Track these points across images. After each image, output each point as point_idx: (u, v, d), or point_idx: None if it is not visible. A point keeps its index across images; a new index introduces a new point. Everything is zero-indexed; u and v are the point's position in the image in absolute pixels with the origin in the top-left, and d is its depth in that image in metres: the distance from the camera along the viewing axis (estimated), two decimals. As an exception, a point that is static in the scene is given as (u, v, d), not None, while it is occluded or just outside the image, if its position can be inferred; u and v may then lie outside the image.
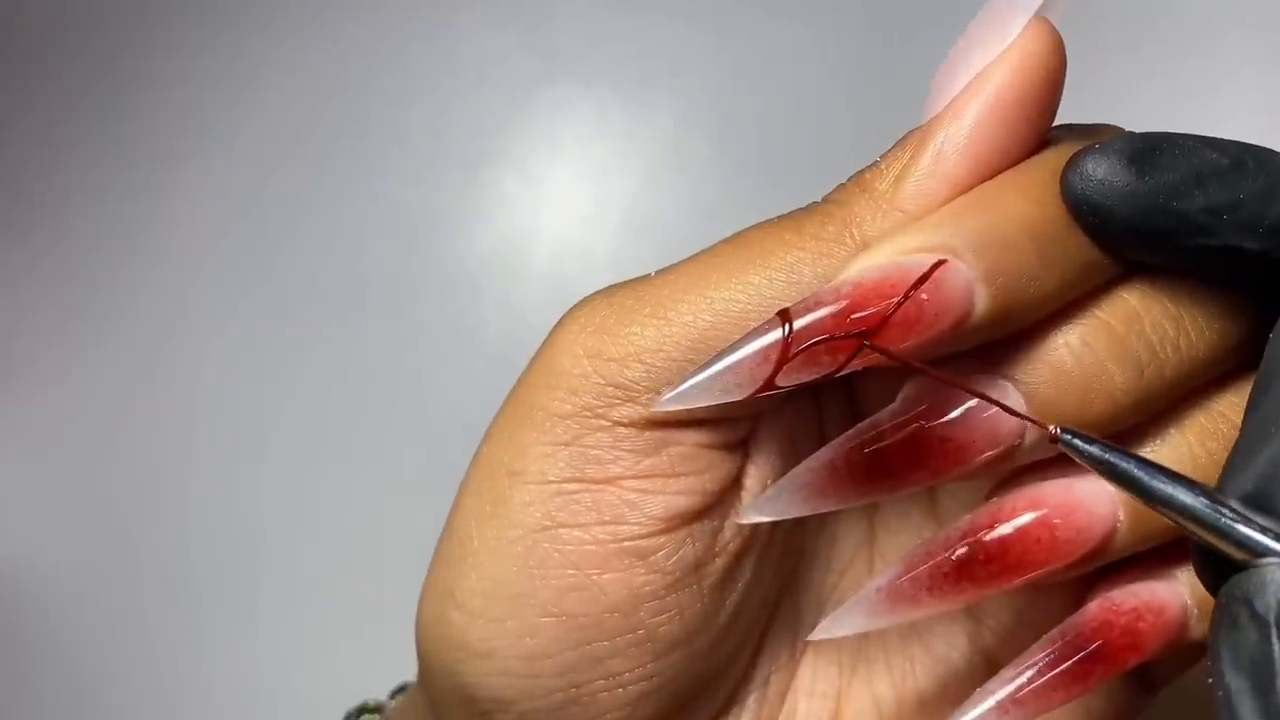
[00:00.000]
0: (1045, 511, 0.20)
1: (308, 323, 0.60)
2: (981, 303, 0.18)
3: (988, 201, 0.19)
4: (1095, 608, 0.20)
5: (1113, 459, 0.17)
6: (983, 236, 0.18)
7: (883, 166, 0.20)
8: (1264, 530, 0.16)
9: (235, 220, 0.61)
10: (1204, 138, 0.19)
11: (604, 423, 0.20)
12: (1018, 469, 0.20)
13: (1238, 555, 0.16)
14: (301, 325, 0.60)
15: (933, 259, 0.18)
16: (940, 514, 0.24)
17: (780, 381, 0.18)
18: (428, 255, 0.60)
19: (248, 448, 0.58)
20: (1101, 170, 0.18)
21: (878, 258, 0.19)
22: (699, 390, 0.19)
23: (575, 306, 0.21)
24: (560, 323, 0.21)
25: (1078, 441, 0.18)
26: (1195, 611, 0.20)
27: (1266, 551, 0.15)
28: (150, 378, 0.59)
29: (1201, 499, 0.16)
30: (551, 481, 0.20)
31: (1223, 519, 0.16)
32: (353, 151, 0.61)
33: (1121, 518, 0.19)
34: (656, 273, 0.21)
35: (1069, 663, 0.20)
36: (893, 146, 0.20)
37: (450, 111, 0.62)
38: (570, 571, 0.20)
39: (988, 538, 0.20)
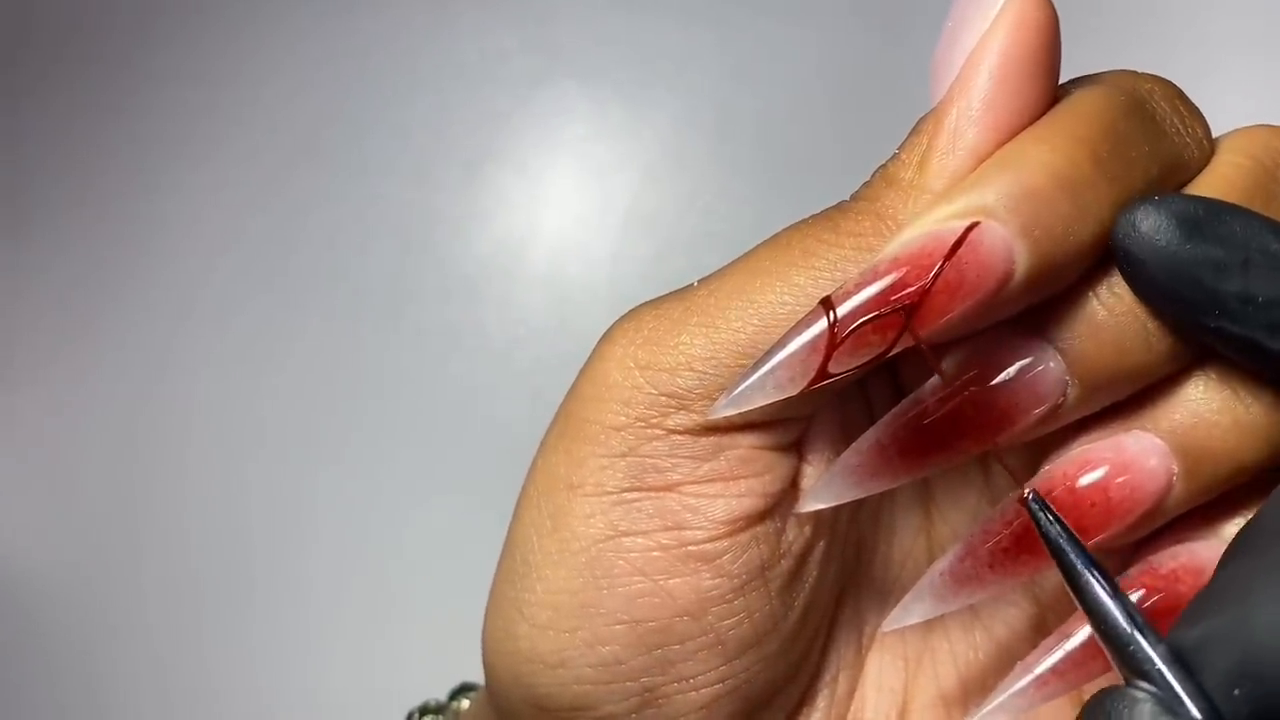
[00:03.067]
0: (1097, 475, 0.19)
1: (309, 321, 0.60)
2: (1022, 258, 0.18)
3: (1011, 160, 0.19)
4: (1134, 572, 0.20)
5: (1064, 544, 0.18)
6: (1012, 193, 0.18)
7: (903, 157, 0.20)
8: (1166, 667, 0.16)
9: (236, 220, 0.61)
10: (1275, 223, 0.18)
11: (659, 431, 0.20)
12: (1064, 432, 0.20)
13: (1124, 672, 0.16)
14: (302, 323, 0.60)
15: (966, 222, 0.18)
16: (995, 495, 0.24)
17: (833, 369, 0.18)
18: (428, 254, 0.60)
19: (247, 446, 0.58)
20: (1148, 225, 0.18)
21: (913, 232, 0.19)
22: (754, 391, 0.19)
23: (620, 320, 0.22)
24: (606, 336, 0.21)
25: (1041, 514, 0.18)
26: None
27: (1152, 680, 0.16)
28: (151, 377, 0.59)
29: (1122, 611, 0.17)
30: (611, 492, 0.20)
31: (1131, 635, 0.16)
32: (354, 151, 0.61)
33: (1176, 471, 0.19)
34: (699, 282, 0.21)
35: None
36: (909, 135, 0.20)
37: (451, 111, 0.62)
38: (637, 578, 0.20)
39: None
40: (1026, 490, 0.18)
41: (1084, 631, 0.20)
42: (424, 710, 0.34)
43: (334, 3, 0.63)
